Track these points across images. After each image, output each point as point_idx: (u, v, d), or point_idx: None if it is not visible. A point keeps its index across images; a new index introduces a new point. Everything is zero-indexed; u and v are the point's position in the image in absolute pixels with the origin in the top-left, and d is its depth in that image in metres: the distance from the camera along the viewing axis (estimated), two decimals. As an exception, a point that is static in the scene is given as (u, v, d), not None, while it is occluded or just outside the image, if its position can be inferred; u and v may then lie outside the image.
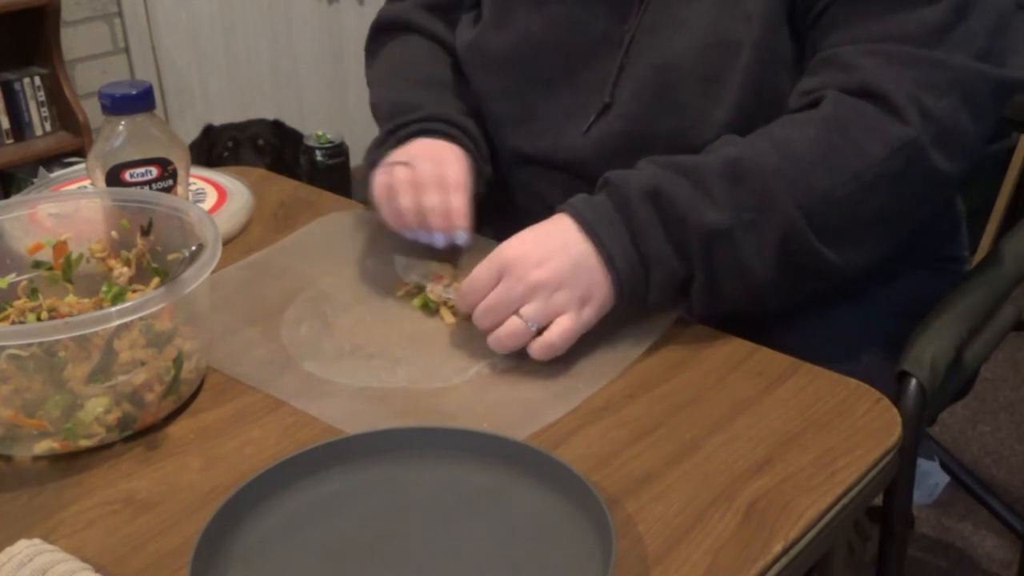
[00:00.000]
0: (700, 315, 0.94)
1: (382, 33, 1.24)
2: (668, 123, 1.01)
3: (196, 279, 0.82)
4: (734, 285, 0.91)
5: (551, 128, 1.10)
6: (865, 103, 0.92)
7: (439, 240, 0.97)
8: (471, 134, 1.11)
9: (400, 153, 1.02)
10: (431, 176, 0.98)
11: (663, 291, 0.90)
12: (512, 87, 1.12)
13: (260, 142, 2.82)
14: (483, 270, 0.89)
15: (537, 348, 0.88)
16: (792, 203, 0.89)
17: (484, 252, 1.04)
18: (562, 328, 0.88)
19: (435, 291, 0.98)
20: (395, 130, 1.09)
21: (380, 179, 1.02)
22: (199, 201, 1.18)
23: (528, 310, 0.87)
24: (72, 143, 2.89)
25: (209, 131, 2.85)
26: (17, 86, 2.85)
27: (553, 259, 0.88)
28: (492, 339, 0.89)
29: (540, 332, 0.88)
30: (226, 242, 1.12)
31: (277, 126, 2.89)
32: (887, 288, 1.07)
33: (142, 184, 1.02)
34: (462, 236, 0.97)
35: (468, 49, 1.16)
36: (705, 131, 0.99)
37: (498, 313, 0.88)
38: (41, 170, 2.85)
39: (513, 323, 0.88)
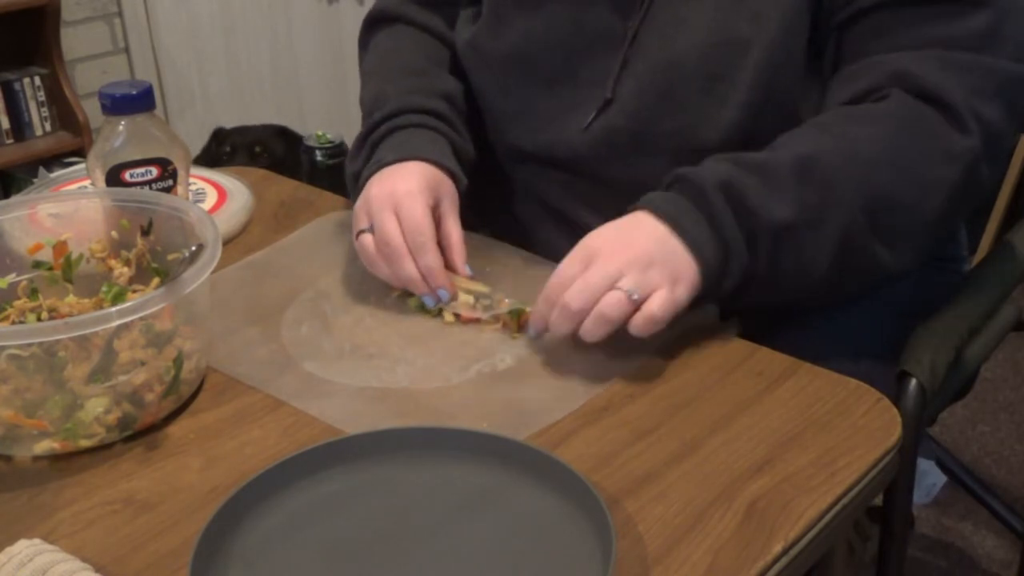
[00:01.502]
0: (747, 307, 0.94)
1: (374, 26, 1.24)
2: (671, 121, 1.01)
3: (196, 279, 0.82)
4: (791, 282, 0.91)
5: (551, 124, 1.09)
6: (928, 108, 0.92)
7: (429, 302, 0.97)
8: (444, 115, 1.10)
9: (361, 210, 1.00)
10: (396, 239, 0.96)
11: (734, 280, 0.90)
12: (512, 84, 1.12)
13: (257, 149, 2.80)
14: (570, 263, 0.88)
15: (640, 322, 0.85)
16: (855, 202, 0.89)
17: (480, 252, 1.04)
18: (662, 300, 0.85)
19: None
20: (367, 134, 1.08)
21: (356, 246, 1.01)
22: (199, 201, 1.18)
23: (626, 283, 0.85)
24: (72, 143, 2.90)
25: (218, 134, 2.85)
26: (17, 86, 2.85)
27: (639, 241, 0.87)
28: (593, 317, 0.86)
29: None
30: (226, 242, 1.12)
31: (282, 133, 2.88)
32: (887, 288, 1.07)
33: (142, 184, 1.02)
34: (444, 295, 0.97)
35: (467, 47, 1.16)
36: (709, 130, 0.99)
37: (594, 290, 0.86)
38: (41, 170, 2.85)
39: (614, 295, 0.85)
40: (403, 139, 1.06)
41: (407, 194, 0.98)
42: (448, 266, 0.98)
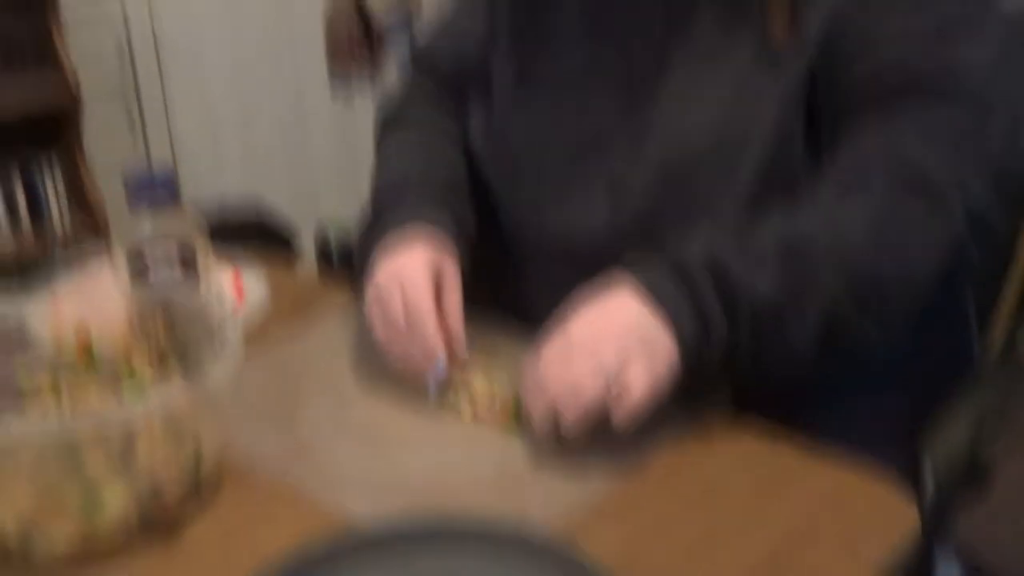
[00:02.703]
0: (735, 384, 0.95)
1: (387, 123, 1.28)
2: (679, 210, 1.03)
3: (218, 373, 0.83)
4: (775, 359, 0.92)
5: (562, 216, 1.11)
6: (912, 189, 0.93)
7: (431, 387, 1.00)
8: (445, 186, 1.13)
9: (371, 287, 1.04)
10: (400, 318, 1.00)
11: (714, 358, 0.90)
12: (522, 179, 1.14)
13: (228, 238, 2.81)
14: (550, 352, 0.89)
15: (622, 415, 0.87)
16: (839, 281, 0.90)
17: (499, 346, 1.04)
18: (641, 389, 0.87)
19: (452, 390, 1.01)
20: (373, 212, 1.12)
21: (368, 322, 1.04)
22: (218, 291, 1.19)
23: (604, 374, 0.87)
24: (90, 229, 2.92)
25: None
26: (36, 173, 2.88)
27: (619, 326, 0.88)
28: (572, 411, 0.87)
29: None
30: (244, 333, 1.13)
31: (260, 226, 2.90)
32: (900, 376, 1.08)
33: (165, 275, 1.03)
34: (440, 363, 0.99)
35: (477, 144, 1.19)
36: (717, 218, 1.00)
37: (573, 384, 0.87)
38: (58, 258, 2.87)
39: (591, 389, 0.87)
40: (406, 211, 1.09)
41: (413, 276, 1.01)
42: (447, 336, 1.01)
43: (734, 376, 0.93)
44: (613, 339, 0.87)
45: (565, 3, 1.13)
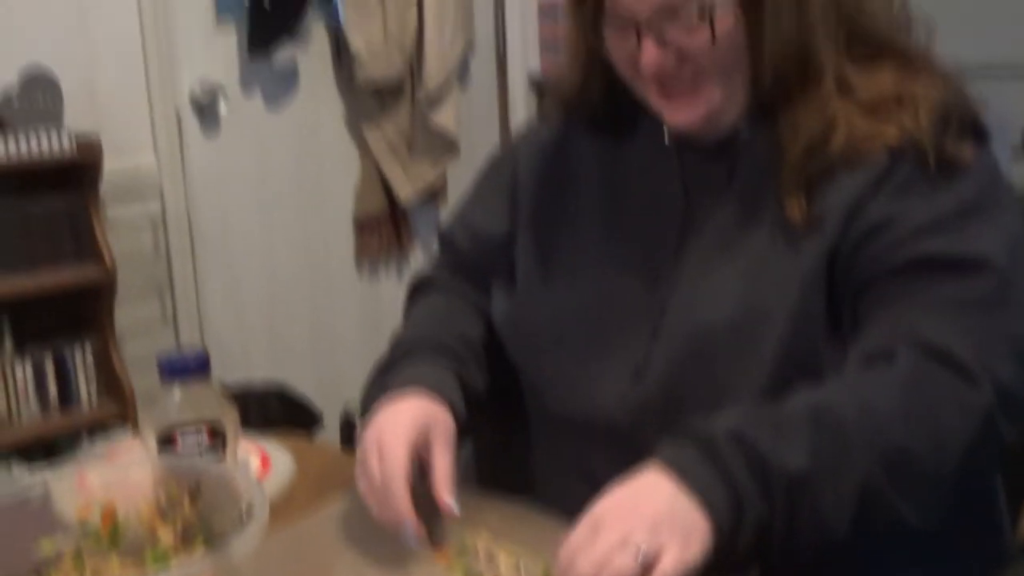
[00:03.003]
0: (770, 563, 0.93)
1: (414, 292, 1.31)
2: (702, 388, 1.04)
3: (241, 547, 0.83)
4: (811, 537, 0.90)
5: (584, 393, 1.12)
6: (939, 365, 0.94)
7: (412, 542, 1.01)
8: (452, 348, 1.15)
9: (359, 453, 1.06)
10: (375, 476, 1.02)
11: (751, 534, 0.88)
12: (546, 357, 1.16)
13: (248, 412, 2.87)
14: (579, 531, 0.87)
15: None
16: (871, 454, 0.89)
17: (520, 521, 1.03)
18: (672, 564, 0.84)
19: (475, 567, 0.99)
20: (379, 370, 1.15)
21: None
22: (244, 464, 1.19)
23: (634, 545, 0.84)
24: (117, 413, 2.93)
25: None
26: (67, 356, 2.93)
27: (648, 502, 0.87)
28: None
29: None
30: (268, 505, 1.13)
31: (281, 398, 2.94)
32: (928, 555, 1.05)
33: (193, 448, 1.04)
34: (408, 528, 1.00)
35: (501, 323, 1.21)
36: (740, 396, 1.00)
37: (602, 557, 0.84)
38: (85, 443, 2.88)
39: (622, 559, 0.84)
40: (408, 370, 1.11)
41: (392, 436, 1.03)
42: (434, 495, 1.01)
43: (764, 552, 0.92)
44: (644, 520, 0.86)
45: (584, 191, 1.18)
